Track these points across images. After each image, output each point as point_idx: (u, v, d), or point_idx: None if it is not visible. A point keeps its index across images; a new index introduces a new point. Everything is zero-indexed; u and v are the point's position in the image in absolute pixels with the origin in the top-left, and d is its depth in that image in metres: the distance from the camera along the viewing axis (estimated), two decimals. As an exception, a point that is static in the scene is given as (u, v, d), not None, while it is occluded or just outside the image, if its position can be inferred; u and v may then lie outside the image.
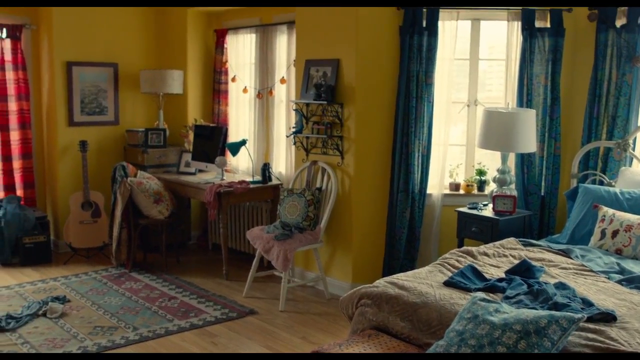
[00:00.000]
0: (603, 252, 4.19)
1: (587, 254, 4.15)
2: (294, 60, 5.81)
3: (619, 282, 3.66)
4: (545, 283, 3.43)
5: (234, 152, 6.09)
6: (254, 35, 6.46)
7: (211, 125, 6.65)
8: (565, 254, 4.20)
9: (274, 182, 6.05)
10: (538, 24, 5.04)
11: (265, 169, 5.98)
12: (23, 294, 5.39)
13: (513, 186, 5.05)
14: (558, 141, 5.09)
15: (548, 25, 5.02)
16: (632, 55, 4.69)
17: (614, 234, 4.21)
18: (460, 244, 4.96)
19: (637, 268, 3.86)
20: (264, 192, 6.01)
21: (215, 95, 6.92)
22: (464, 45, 5.40)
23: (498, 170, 5.02)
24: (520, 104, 5.09)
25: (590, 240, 4.38)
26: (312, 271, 5.69)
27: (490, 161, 5.46)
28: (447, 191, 5.47)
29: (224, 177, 6.13)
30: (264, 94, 6.39)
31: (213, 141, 6.30)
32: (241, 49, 6.66)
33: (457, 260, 3.93)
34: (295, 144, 5.71)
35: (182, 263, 6.40)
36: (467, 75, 5.45)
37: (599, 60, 4.85)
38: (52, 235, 6.67)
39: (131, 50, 7.01)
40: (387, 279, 3.62)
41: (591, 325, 2.90)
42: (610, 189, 4.60)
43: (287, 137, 6.02)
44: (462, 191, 5.50)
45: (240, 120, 6.78)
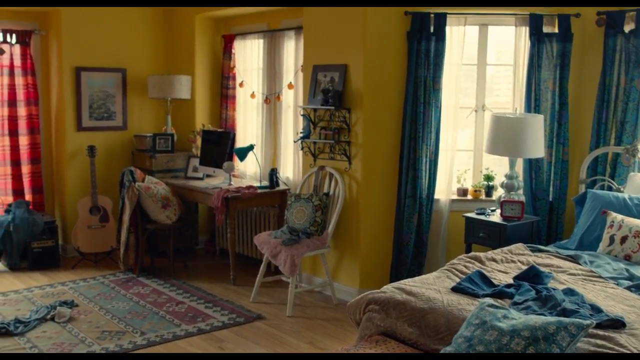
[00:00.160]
0: (612, 258, 4.17)
1: (595, 259, 4.14)
2: (302, 66, 5.82)
3: (628, 288, 3.63)
4: (553, 289, 3.41)
5: (242, 157, 6.10)
6: (261, 41, 6.48)
7: (219, 130, 6.66)
8: (574, 259, 4.18)
9: (282, 187, 6.06)
10: (546, 29, 5.03)
11: (273, 174, 5.98)
12: (31, 298, 5.41)
13: (521, 192, 5.03)
14: (566, 147, 5.07)
15: (556, 30, 5.01)
16: (641, 61, 4.68)
17: (623, 239, 4.19)
18: (468, 250, 4.95)
19: (646, 274, 3.84)
20: (272, 197, 6.02)
21: (223, 100, 6.94)
22: (472, 51, 5.40)
23: (506, 176, 5.01)
24: (528, 109, 5.08)
25: (598, 246, 4.37)
26: (319, 276, 5.68)
27: (498, 166, 5.45)
28: (455, 196, 5.46)
29: (232, 182, 6.14)
30: (272, 99, 6.40)
31: (221, 146, 6.32)
32: (249, 54, 6.68)
33: (465, 266, 3.91)
34: (302, 149, 5.71)
35: (190, 268, 6.41)
36: (474, 81, 5.45)
37: (607, 66, 4.84)
38: (60, 239, 6.69)
39: (139, 56, 7.05)
40: (395, 284, 3.61)
41: (600, 332, 2.89)
42: (619, 194, 4.58)
43: (294, 142, 6.03)
44: (469, 196, 5.49)
45: (248, 126, 6.79)
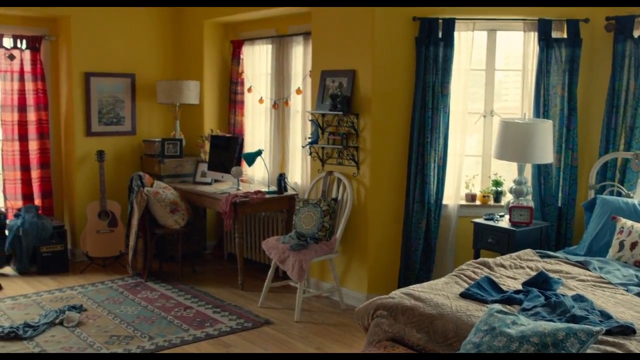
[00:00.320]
0: (621, 264, 4.15)
1: (605, 266, 4.12)
2: (310, 71, 5.84)
3: (638, 294, 3.62)
4: (562, 295, 3.40)
5: (250, 162, 6.10)
6: (270, 46, 6.50)
7: (227, 135, 6.68)
8: (583, 265, 4.16)
9: (290, 192, 6.06)
10: (555, 34, 5.03)
11: (281, 179, 5.99)
12: (40, 302, 5.43)
13: (530, 197, 5.02)
14: (575, 152, 5.06)
15: (565, 35, 5.01)
16: (650, 66, 4.66)
17: (633, 245, 4.17)
18: (477, 255, 4.94)
19: (656, 280, 3.82)
20: (280, 203, 6.02)
21: (232, 105, 6.95)
22: (480, 56, 5.39)
23: (515, 181, 4.99)
24: (537, 114, 5.07)
25: (608, 252, 4.35)
26: (327, 282, 5.68)
27: (507, 172, 5.44)
28: (463, 202, 5.45)
29: (240, 187, 6.15)
30: (280, 104, 6.42)
31: (229, 151, 6.33)
32: (257, 59, 6.70)
33: (474, 272, 3.90)
34: (311, 154, 5.72)
35: (198, 273, 6.42)
36: (482, 86, 5.44)
37: (617, 71, 4.83)
38: (69, 244, 6.72)
39: (148, 61, 7.08)
40: (403, 290, 3.61)
41: (610, 339, 2.88)
42: (629, 200, 4.56)
43: (302, 147, 6.04)
44: (478, 202, 5.48)
45: (256, 131, 6.80)
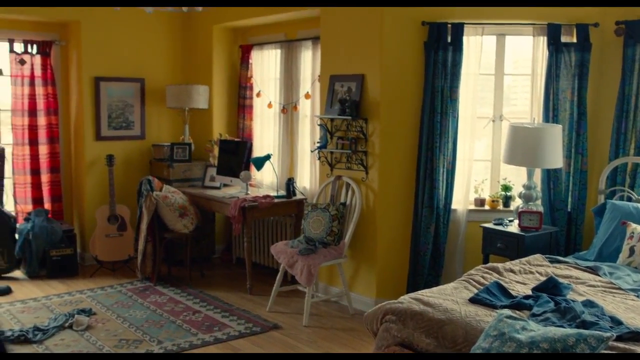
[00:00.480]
0: (632, 269, 4.13)
1: (615, 271, 4.10)
2: (319, 76, 5.84)
3: (649, 300, 3.60)
4: (572, 301, 3.39)
5: (259, 166, 6.12)
6: (278, 51, 6.51)
7: (236, 140, 6.69)
8: (593, 271, 4.15)
9: (298, 196, 6.07)
10: (564, 38, 5.02)
11: (290, 184, 5.99)
12: (50, 306, 5.45)
13: (539, 202, 5.00)
14: (585, 157, 5.04)
15: (574, 40, 5.00)
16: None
17: (643, 251, 4.15)
18: (486, 260, 4.92)
19: (667, 286, 3.80)
20: (288, 207, 6.03)
21: (240, 110, 6.97)
22: (489, 60, 5.39)
23: (524, 186, 4.98)
24: (546, 119, 5.06)
25: (618, 258, 4.33)
26: (336, 286, 5.68)
27: (516, 177, 5.43)
28: (472, 207, 5.43)
29: (249, 192, 6.16)
30: (289, 109, 6.43)
31: (238, 156, 6.34)
32: (266, 64, 6.71)
33: (483, 277, 3.89)
34: (319, 158, 5.72)
35: (207, 277, 6.43)
36: (491, 90, 5.43)
37: (627, 75, 4.81)
38: (78, 248, 6.74)
39: (157, 66, 7.11)
40: (412, 295, 3.60)
41: (620, 345, 2.86)
42: (639, 205, 4.54)
43: (311, 152, 6.04)
44: (487, 207, 5.46)
45: (265, 135, 6.81)
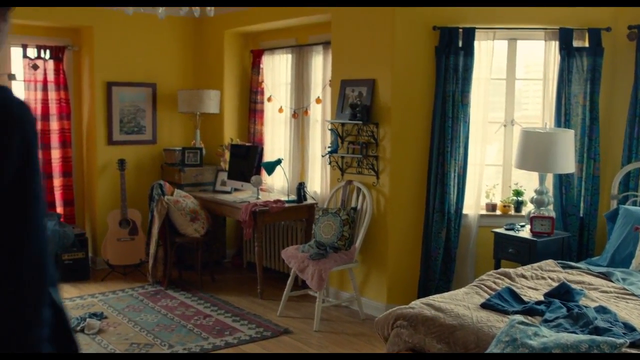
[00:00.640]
0: (645, 275, 4.11)
1: (628, 277, 4.07)
2: (330, 80, 5.85)
3: (662, 306, 3.57)
4: (585, 307, 3.37)
5: (270, 171, 6.13)
6: (289, 56, 6.53)
7: (247, 144, 6.71)
8: (606, 277, 4.12)
9: (309, 201, 6.07)
10: (576, 43, 5.00)
11: (301, 189, 6.00)
12: (62, 310, 5.46)
13: (551, 207, 4.98)
14: (597, 162, 5.01)
15: (586, 44, 4.98)
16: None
17: (656, 257, 4.12)
18: (497, 266, 4.90)
19: (681, 292, 3.77)
20: (299, 212, 6.03)
21: (251, 114, 6.99)
22: (500, 65, 5.37)
23: (536, 191, 4.96)
24: (558, 124, 5.04)
25: (631, 263, 4.30)
26: (346, 291, 5.67)
27: (528, 182, 5.40)
28: (484, 212, 5.42)
29: (260, 196, 6.17)
30: (300, 113, 6.43)
31: (249, 160, 6.36)
32: (277, 69, 6.73)
33: (495, 282, 3.88)
34: (330, 163, 5.72)
35: (217, 281, 6.43)
36: (503, 95, 5.41)
37: (639, 80, 4.78)
38: (90, 252, 6.77)
39: (169, 71, 7.14)
40: (423, 300, 3.59)
41: (634, 351, 2.84)
42: (652, 210, 4.51)
43: (322, 156, 6.05)
44: (498, 212, 5.44)
45: (276, 140, 6.82)
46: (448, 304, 3.49)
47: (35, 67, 6.54)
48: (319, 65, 6.21)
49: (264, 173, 6.42)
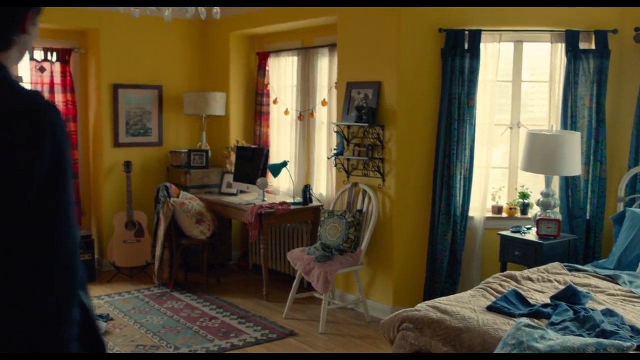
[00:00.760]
0: (652, 278, 4.09)
1: (635, 280, 4.05)
2: (335, 83, 5.85)
3: (669, 309, 3.56)
4: (592, 309, 3.36)
5: (275, 173, 6.13)
6: (295, 58, 6.53)
7: (253, 146, 6.72)
8: (612, 279, 4.11)
9: (315, 203, 6.07)
10: (582, 45, 4.99)
11: (306, 191, 6.00)
12: (68, 311, 5.48)
13: (557, 209, 4.97)
14: (604, 164, 5.00)
15: (593, 46, 4.97)
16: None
17: (663, 259, 4.10)
18: (503, 268, 4.89)
19: (688, 295, 3.76)
20: (305, 214, 6.03)
21: (257, 117, 7.00)
22: (506, 67, 5.37)
23: (542, 194, 4.95)
24: (564, 126, 5.02)
25: (638, 266, 4.28)
26: (352, 293, 5.66)
27: (534, 184, 5.39)
28: (490, 214, 5.40)
29: (265, 198, 6.17)
30: (305, 115, 6.44)
31: (254, 162, 6.36)
32: (283, 71, 6.74)
33: (501, 285, 3.87)
34: (336, 165, 5.72)
35: (223, 283, 6.44)
36: (509, 97, 5.41)
37: (646, 82, 4.78)
38: (96, 253, 6.78)
39: (175, 73, 7.15)
40: (429, 302, 3.59)
41: (641, 354, 2.83)
42: (659, 213, 4.50)
43: (328, 158, 6.05)
44: (504, 214, 5.43)
45: (282, 142, 6.83)
46: (454, 306, 3.48)
47: (42, 70, 6.56)
48: (325, 68, 6.22)
49: (269, 175, 6.42)
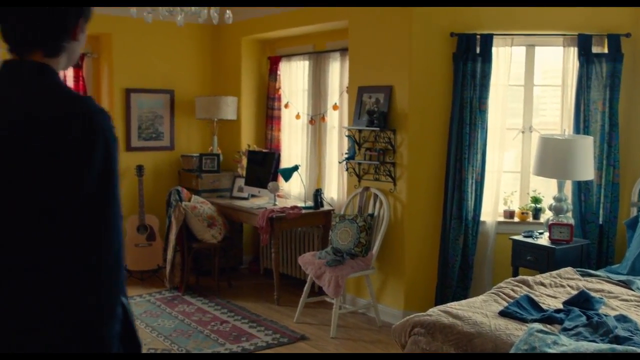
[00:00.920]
0: (666, 283, 4.06)
1: (648, 285, 4.02)
2: (347, 87, 5.85)
3: (684, 315, 3.53)
4: (605, 315, 3.33)
5: (287, 177, 6.14)
6: (307, 62, 6.54)
7: (264, 150, 6.73)
8: (626, 285, 4.08)
9: (326, 207, 6.07)
10: (595, 49, 4.96)
11: (318, 195, 6.00)
12: (80, 315, 5.50)
13: (570, 214, 4.94)
14: (617, 169, 4.97)
15: (605, 50, 4.94)
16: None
17: (678, 265, 4.07)
18: (515, 273, 4.87)
19: (703, 301, 3.72)
20: (316, 218, 6.03)
21: (269, 121, 7.01)
22: (518, 71, 5.35)
23: (554, 198, 4.92)
24: (577, 130, 5.00)
25: (652, 271, 4.25)
26: (363, 298, 5.66)
27: (546, 189, 5.36)
28: (502, 219, 5.38)
29: (277, 203, 6.18)
30: (317, 120, 6.44)
31: (266, 166, 6.37)
32: (294, 75, 6.75)
33: (513, 290, 3.85)
34: (347, 170, 5.72)
35: (234, 287, 6.45)
36: (521, 101, 5.39)
37: (660, 86, 4.75)
38: (108, 257, 6.80)
39: (187, 78, 7.19)
40: (441, 307, 3.58)
41: (655, 361, 2.80)
42: (673, 218, 4.46)
43: (339, 163, 6.05)
44: (516, 219, 5.40)
45: (293, 146, 6.84)
46: (466, 311, 3.47)
47: (55, 74, 6.60)
48: (336, 72, 6.23)
49: (281, 179, 6.42)
